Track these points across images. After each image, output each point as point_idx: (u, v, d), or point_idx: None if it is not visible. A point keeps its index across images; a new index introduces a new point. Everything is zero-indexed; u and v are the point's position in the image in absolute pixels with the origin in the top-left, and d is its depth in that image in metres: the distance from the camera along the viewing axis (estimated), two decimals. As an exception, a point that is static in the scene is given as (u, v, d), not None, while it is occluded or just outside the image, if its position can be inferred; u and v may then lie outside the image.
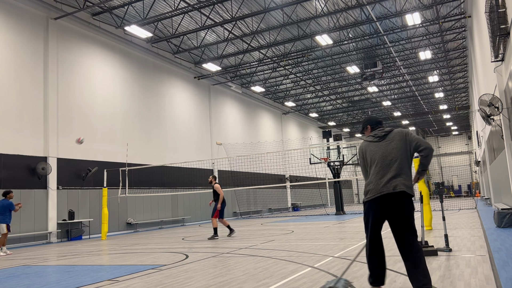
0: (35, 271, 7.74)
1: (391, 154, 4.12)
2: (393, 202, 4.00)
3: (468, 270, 5.32)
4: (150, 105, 21.07)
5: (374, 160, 4.18)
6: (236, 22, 19.83)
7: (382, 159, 4.13)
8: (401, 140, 4.16)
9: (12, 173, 14.37)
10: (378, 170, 4.12)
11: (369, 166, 4.24)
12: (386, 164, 4.10)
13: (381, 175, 4.08)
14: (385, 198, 4.03)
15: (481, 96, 10.59)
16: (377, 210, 4.08)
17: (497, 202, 17.49)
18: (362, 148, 4.37)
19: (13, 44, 14.96)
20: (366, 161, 4.28)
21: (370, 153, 4.24)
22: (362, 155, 4.34)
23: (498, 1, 8.36)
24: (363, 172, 4.37)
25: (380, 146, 4.21)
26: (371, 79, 25.10)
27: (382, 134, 4.27)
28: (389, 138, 4.22)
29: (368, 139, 4.35)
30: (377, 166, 4.13)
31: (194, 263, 7.36)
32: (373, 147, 4.25)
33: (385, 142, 4.21)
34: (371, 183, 4.13)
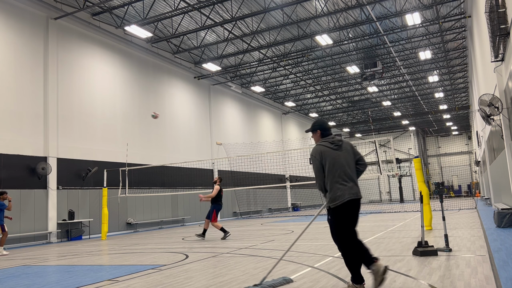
0: (35, 271, 7.74)
1: (349, 163, 4.48)
2: (358, 206, 4.44)
3: (468, 270, 5.32)
4: (150, 105, 21.07)
5: (337, 168, 4.40)
6: (236, 22, 19.83)
7: (345, 167, 4.43)
8: (351, 151, 4.57)
9: (12, 173, 14.37)
10: (346, 176, 4.40)
11: (328, 171, 4.40)
12: (348, 172, 4.43)
13: (349, 181, 4.40)
14: (356, 201, 4.41)
15: (481, 96, 10.59)
16: (352, 211, 4.39)
17: (497, 202, 17.49)
18: (320, 152, 4.47)
19: (13, 44, 14.96)
20: (325, 165, 4.42)
21: (331, 159, 4.43)
22: (321, 159, 4.44)
23: (498, 1, 8.36)
24: (319, 174, 4.46)
25: (340, 155, 4.47)
26: (371, 79, 25.10)
27: (339, 143, 4.53)
28: (344, 147, 4.54)
29: (326, 145, 4.50)
30: (341, 174, 4.39)
31: (194, 263, 7.36)
32: (334, 155, 4.45)
33: (342, 151, 4.51)
34: (340, 188, 4.34)
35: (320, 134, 4.66)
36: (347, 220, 4.39)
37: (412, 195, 46.40)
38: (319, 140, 4.66)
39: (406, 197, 45.75)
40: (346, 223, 4.40)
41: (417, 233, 10.10)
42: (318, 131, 4.67)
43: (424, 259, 6.33)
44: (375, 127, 50.34)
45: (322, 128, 4.65)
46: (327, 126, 4.67)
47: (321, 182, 4.47)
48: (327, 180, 4.42)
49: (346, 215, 4.38)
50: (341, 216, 4.39)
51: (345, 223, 4.40)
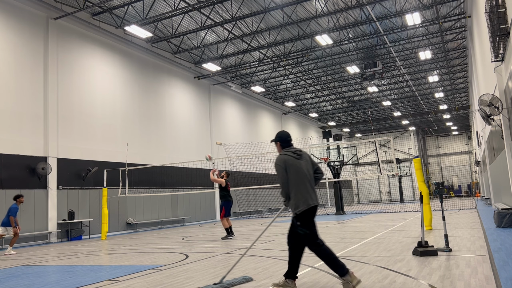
0: (35, 271, 7.74)
1: (309, 172, 4.87)
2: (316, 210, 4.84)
3: (468, 270, 5.32)
4: (150, 105, 21.07)
5: (300, 176, 4.76)
6: (236, 22, 19.82)
7: (307, 175, 4.80)
8: (309, 160, 4.96)
9: (12, 173, 14.37)
10: (308, 184, 4.78)
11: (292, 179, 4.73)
12: (309, 180, 4.82)
13: (310, 188, 4.79)
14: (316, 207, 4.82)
15: (481, 96, 10.59)
16: (313, 216, 4.78)
17: (497, 202, 17.49)
18: (284, 160, 4.79)
19: (13, 44, 14.96)
20: (289, 173, 4.74)
21: (294, 168, 4.76)
22: (285, 167, 4.76)
23: (498, 1, 8.36)
24: (284, 182, 4.75)
25: (302, 164, 4.83)
26: (371, 79, 25.10)
27: (300, 153, 4.91)
28: (304, 158, 4.91)
29: (289, 155, 4.85)
30: (304, 181, 4.76)
31: (194, 263, 7.36)
32: (297, 164, 4.80)
33: (303, 160, 4.87)
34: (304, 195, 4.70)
35: (280, 145, 5.01)
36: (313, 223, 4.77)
37: (412, 195, 46.40)
38: (280, 150, 5.01)
39: (406, 197, 45.76)
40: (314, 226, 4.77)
41: (417, 233, 10.10)
42: (278, 143, 5.02)
43: (424, 259, 6.33)
44: (375, 127, 50.34)
45: (282, 140, 5.01)
46: (287, 138, 5.01)
47: (286, 189, 4.76)
48: (291, 187, 4.74)
49: (310, 219, 4.74)
50: (308, 220, 4.72)
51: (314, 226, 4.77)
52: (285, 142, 5.00)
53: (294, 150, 4.92)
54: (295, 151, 4.90)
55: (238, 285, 5.30)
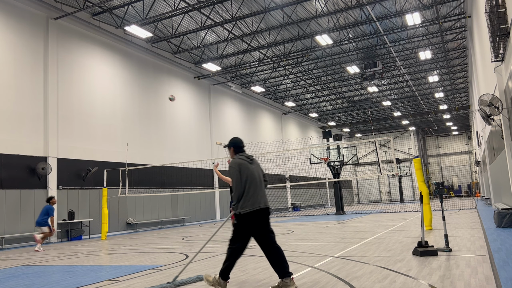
0: (35, 271, 7.74)
1: (260, 176, 5.15)
2: (267, 213, 5.02)
3: (468, 270, 5.32)
4: (150, 105, 21.07)
5: (252, 179, 5.00)
6: (236, 22, 19.83)
7: (258, 179, 5.07)
8: (259, 166, 5.27)
9: (12, 173, 14.37)
10: (258, 188, 5.01)
11: (245, 182, 4.96)
12: (260, 183, 5.09)
13: (260, 191, 5.02)
14: (266, 210, 5.00)
15: (481, 96, 10.58)
16: (262, 218, 4.94)
17: (497, 202, 17.49)
18: (239, 164, 5.03)
19: (13, 44, 14.96)
20: (243, 176, 4.96)
21: (247, 171, 5.00)
22: (239, 170, 4.99)
23: (498, 1, 8.36)
24: (238, 184, 4.94)
25: (254, 168, 5.11)
26: (371, 79, 25.09)
27: (252, 158, 5.21)
28: (255, 163, 5.21)
29: (243, 159, 5.11)
30: (256, 184, 5.02)
31: (194, 263, 7.36)
32: (250, 167, 5.06)
33: (255, 165, 5.17)
34: (253, 197, 4.92)
35: (233, 151, 5.28)
36: (254, 225, 4.91)
37: (412, 195, 46.41)
38: (233, 155, 5.27)
39: (406, 197, 45.76)
40: (251, 228, 4.92)
41: (417, 233, 10.10)
42: (232, 148, 5.30)
43: (424, 259, 6.33)
44: (375, 127, 50.34)
45: (235, 145, 5.28)
46: (240, 144, 5.28)
47: (240, 191, 4.95)
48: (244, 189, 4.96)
49: (255, 221, 4.90)
50: (249, 222, 4.90)
51: (250, 228, 4.92)
52: (239, 148, 5.27)
53: (247, 155, 5.20)
54: (248, 156, 5.18)
55: (191, 283, 5.51)
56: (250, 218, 4.88)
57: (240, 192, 4.93)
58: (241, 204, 4.91)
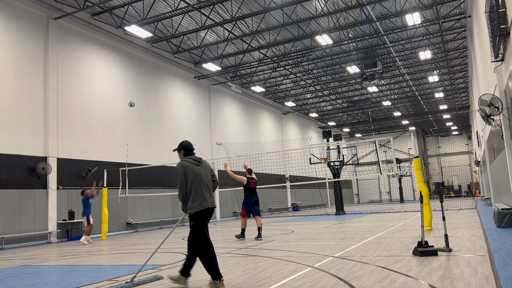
0: (35, 271, 7.74)
1: (208, 178, 5.40)
2: (211, 213, 5.29)
3: (468, 270, 5.32)
4: (150, 105, 21.07)
5: (199, 180, 5.26)
6: (236, 22, 19.82)
7: (205, 180, 5.33)
8: (208, 168, 5.52)
9: (12, 173, 14.37)
10: (205, 188, 5.27)
11: (191, 183, 5.21)
12: (207, 184, 5.34)
13: (207, 192, 5.28)
14: (212, 210, 5.28)
15: (481, 96, 10.59)
16: (208, 217, 5.24)
17: (497, 202, 17.49)
18: (185, 166, 5.28)
19: (13, 44, 14.96)
20: (188, 178, 5.22)
21: (193, 173, 5.26)
22: (185, 172, 5.24)
23: (498, 1, 8.36)
24: (183, 186, 5.21)
25: (201, 170, 5.36)
26: (371, 79, 25.09)
27: (200, 160, 5.45)
28: (203, 165, 5.46)
29: (190, 162, 5.35)
30: (203, 185, 5.28)
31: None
32: (196, 169, 5.31)
33: (202, 167, 5.41)
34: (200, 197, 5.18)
35: (183, 153, 5.51)
36: (205, 225, 5.20)
37: (412, 195, 46.41)
38: (182, 158, 5.49)
39: (406, 197, 45.76)
40: (204, 228, 5.19)
41: (417, 233, 10.11)
42: (182, 151, 5.52)
43: (424, 259, 6.33)
44: (375, 127, 50.34)
45: (185, 148, 5.51)
46: (190, 147, 5.52)
47: (183, 192, 5.23)
48: (190, 190, 5.21)
49: (204, 220, 5.20)
50: (200, 221, 5.17)
51: (204, 227, 5.19)
52: (188, 151, 5.51)
53: (195, 157, 5.44)
54: (196, 158, 5.43)
55: (148, 283, 5.77)
56: (200, 217, 5.17)
57: (184, 193, 5.21)
58: (189, 205, 5.18)
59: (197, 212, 5.14)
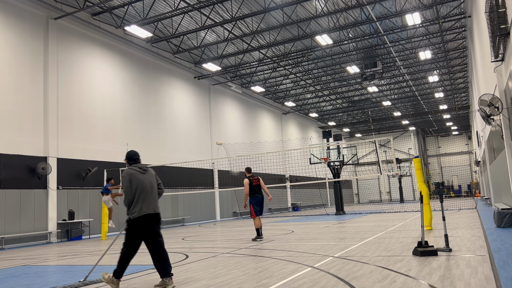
0: (35, 271, 7.74)
1: (153, 185, 5.67)
2: (156, 219, 5.55)
3: (468, 270, 5.32)
4: (150, 105, 21.07)
5: (143, 187, 5.53)
6: (236, 22, 19.82)
7: (149, 187, 5.59)
8: (154, 176, 5.81)
9: (12, 173, 14.37)
10: (148, 195, 5.53)
11: (135, 190, 5.48)
12: (151, 191, 5.60)
13: (150, 199, 5.54)
14: (154, 215, 5.53)
15: (481, 96, 10.59)
16: (149, 224, 5.47)
17: (497, 202, 17.49)
18: (130, 174, 5.56)
19: (13, 44, 14.96)
20: (133, 185, 5.49)
21: (138, 180, 5.53)
22: (129, 180, 5.52)
23: (498, 1, 8.36)
24: (128, 192, 5.48)
25: (146, 177, 5.64)
26: (371, 79, 25.09)
27: (146, 168, 5.74)
28: (149, 173, 5.74)
29: (135, 169, 5.63)
30: (147, 192, 5.54)
31: (194, 263, 7.36)
32: (141, 177, 5.59)
33: (147, 175, 5.68)
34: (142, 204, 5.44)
35: (128, 162, 5.82)
36: (142, 230, 5.44)
37: (412, 195, 46.40)
38: (129, 166, 5.78)
39: (406, 197, 45.76)
40: (140, 232, 5.44)
41: (417, 233, 10.11)
42: (127, 160, 5.85)
43: (424, 259, 6.33)
44: (375, 127, 50.34)
45: (130, 158, 5.82)
46: (134, 156, 5.81)
47: (129, 198, 5.48)
48: (134, 197, 5.47)
49: (143, 225, 5.42)
50: (137, 226, 5.41)
51: (139, 232, 5.43)
52: (133, 160, 5.80)
53: (140, 166, 5.75)
54: (141, 166, 5.73)
55: (101, 282, 5.93)
56: (138, 223, 5.41)
57: (129, 199, 5.48)
58: (131, 210, 5.45)
59: (135, 218, 5.40)
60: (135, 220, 5.40)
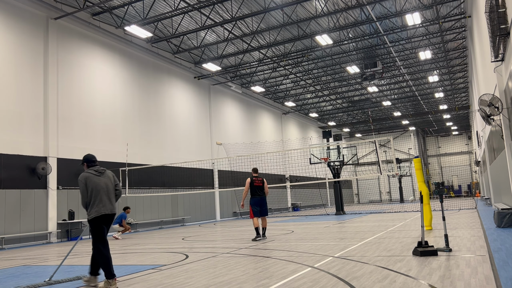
0: (35, 271, 7.74)
1: (109, 187, 5.98)
2: (110, 219, 5.94)
3: (468, 270, 5.32)
4: (150, 105, 21.07)
5: (98, 189, 5.85)
6: (236, 22, 19.83)
7: (105, 189, 5.91)
8: (111, 178, 6.10)
9: (12, 173, 14.37)
10: (104, 197, 5.86)
11: (91, 192, 5.82)
12: (108, 192, 5.93)
13: (106, 200, 5.87)
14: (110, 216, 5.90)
15: (481, 96, 10.59)
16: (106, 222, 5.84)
17: (497, 202, 17.49)
18: (86, 177, 5.88)
19: (13, 44, 14.96)
20: (89, 187, 5.83)
21: (93, 183, 5.86)
22: (85, 183, 5.84)
23: (498, 1, 8.36)
24: (84, 194, 5.84)
25: (102, 180, 5.95)
26: (371, 79, 25.09)
27: (102, 171, 6.03)
28: (105, 175, 6.04)
29: (91, 173, 5.94)
30: (103, 194, 5.86)
31: (194, 263, 7.36)
32: (96, 180, 5.90)
33: (103, 177, 5.99)
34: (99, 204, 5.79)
35: (86, 165, 6.10)
36: (101, 229, 5.82)
37: (412, 195, 46.40)
38: (86, 169, 6.07)
39: (406, 197, 45.75)
40: (101, 231, 5.82)
41: (417, 233, 10.11)
42: (85, 163, 6.12)
43: (424, 259, 6.33)
44: (375, 127, 50.34)
45: (87, 161, 6.11)
46: (92, 159, 6.12)
47: (85, 200, 5.86)
48: (90, 199, 5.82)
49: (100, 225, 5.81)
50: (97, 226, 5.79)
51: (100, 231, 5.81)
52: (90, 162, 6.10)
53: (97, 169, 6.03)
54: (97, 169, 6.02)
55: (66, 282, 6.23)
56: (98, 221, 5.78)
57: (85, 201, 5.84)
58: (89, 211, 5.81)
59: (94, 218, 5.76)
60: (95, 219, 5.78)
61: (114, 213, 5.96)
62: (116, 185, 6.16)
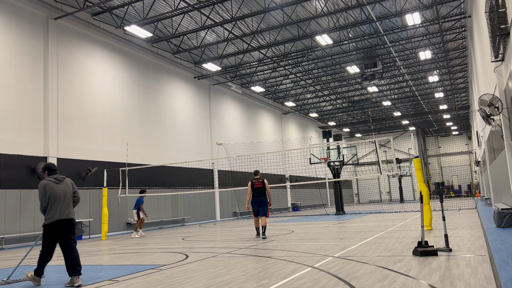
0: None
1: (66, 194, 6.35)
2: (68, 223, 6.26)
3: (468, 270, 5.32)
4: (150, 105, 21.07)
5: (55, 197, 6.21)
6: (236, 22, 19.82)
7: (63, 196, 6.28)
8: (70, 186, 6.46)
9: (12, 173, 14.37)
10: (61, 203, 6.22)
11: (49, 199, 6.17)
12: (65, 199, 6.28)
13: (62, 206, 6.22)
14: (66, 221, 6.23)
15: (481, 96, 10.59)
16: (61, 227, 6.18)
17: (497, 202, 17.49)
18: (46, 185, 6.23)
19: (13, 44, 14.96)
20: (47, 194, 6.18)
21: (52, 190, 6.22)
22: (44, 190, 6.21)
23: (498, 1, 8.37)
24: (42, 201, 6.19)
25: (60, 187, 6.32)
26: (371, 79, 25.09)
27: (61, 179, 6.39)
28: (64, 182, 6.41)
29: (51, 180, 6.30)
30: (60, 201, 6.22)
31: (194, 263, 7.36)
32: (54, 187, 6.27)
33: (62, 184, 6.36)
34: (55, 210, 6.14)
35: (47, 173, 6.45)
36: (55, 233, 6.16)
37: (412, 195, 46.40)
38: (47, 177, 6.40)
39: (406, 197, 45.76)
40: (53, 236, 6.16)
41: (417, 233, 10.11)
42: (46, 171, 6.46)
43: (424, 259, 6.33)
44: (375, 127, 50.34)
45: (48, 169, 6.48)
46: (52, 168, 6.51)
47: (43, 206, 6.20)
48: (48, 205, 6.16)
49: (55, 230, 6.15)
50: (50, 231, 6.14)
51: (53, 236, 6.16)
52: (51, 171, 6.45)
53: (56, 176, 6.38)
54: (57, 177, 6.37)
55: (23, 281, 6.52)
56: (51, 228, 6.12)
57: (44, 207, 6.18)
58: (45, 217, 6.15)
59: (49, 223, 6.10)
60: (48, 226, 6.11)
61: (71, 218, 6.27)
62: (75, 192, 6.50)
